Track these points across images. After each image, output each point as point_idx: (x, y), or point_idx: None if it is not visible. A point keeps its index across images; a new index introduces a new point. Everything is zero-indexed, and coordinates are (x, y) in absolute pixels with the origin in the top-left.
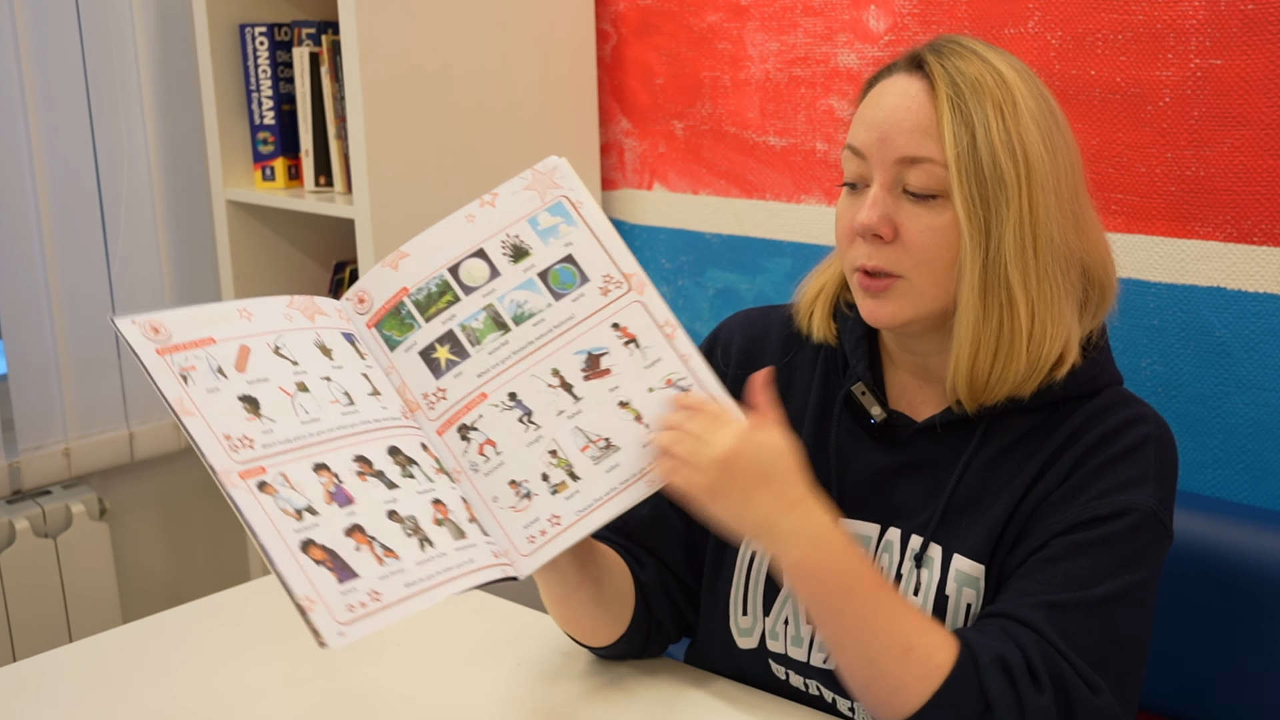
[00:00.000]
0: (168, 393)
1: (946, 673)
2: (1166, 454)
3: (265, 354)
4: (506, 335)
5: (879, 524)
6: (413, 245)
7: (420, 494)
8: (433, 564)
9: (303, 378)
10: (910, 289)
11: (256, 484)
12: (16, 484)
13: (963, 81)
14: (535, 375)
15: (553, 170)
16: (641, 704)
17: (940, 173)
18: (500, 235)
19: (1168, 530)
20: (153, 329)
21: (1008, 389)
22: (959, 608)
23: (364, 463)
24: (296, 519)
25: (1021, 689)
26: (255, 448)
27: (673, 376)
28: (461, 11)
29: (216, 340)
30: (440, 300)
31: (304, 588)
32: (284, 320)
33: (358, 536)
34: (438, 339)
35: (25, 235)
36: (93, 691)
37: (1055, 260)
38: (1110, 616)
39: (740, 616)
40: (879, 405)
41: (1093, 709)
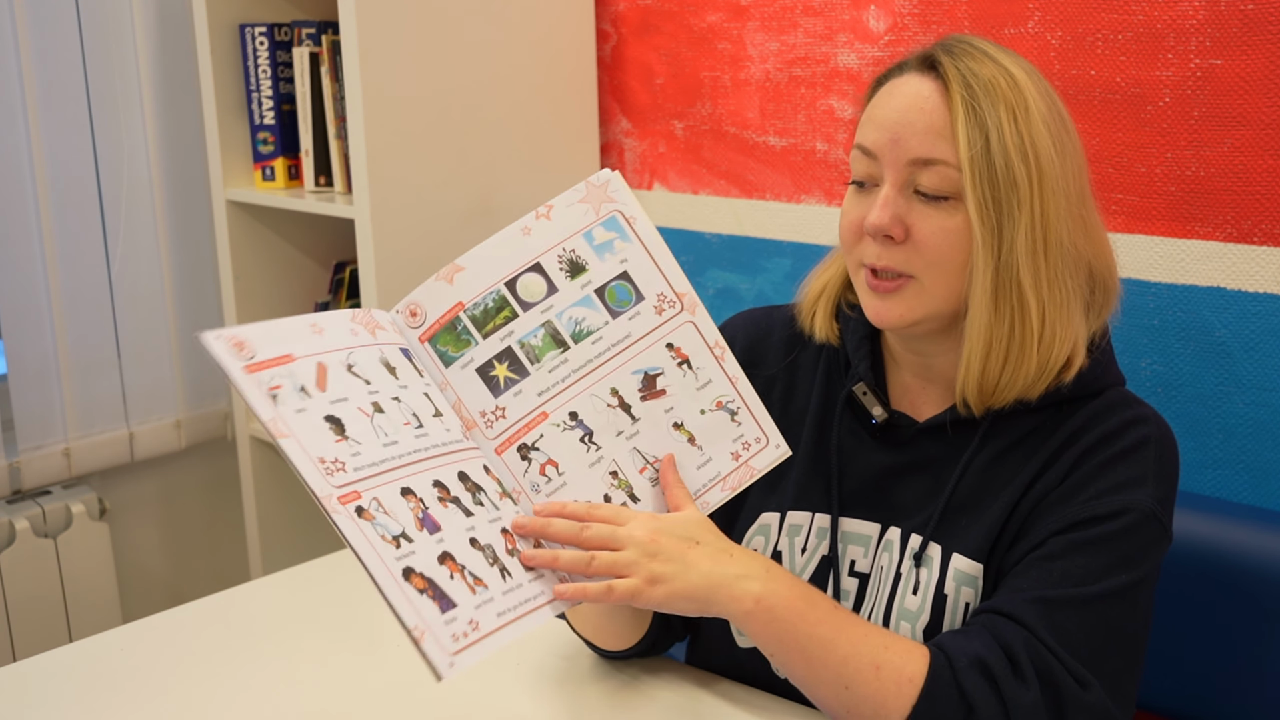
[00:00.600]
0: (262, 413)
1: (920, 684)
2: (1167, 455)
3: (341, 372)
4: (566, 353)
5: (879, 523)
6: (468, 259)
7: (491, 522)
8: (515, 594)
9: (377, 397)
10: (920, 290)
11: (355, 509)
12: (16, 484)
13: (976, 83)
14: (595, 395)
15: (606, 184)
16: (642, 704)
17: (953, 175)
18: (556, 250)
19: (1166, 531)
20: (236, 345)
21: (1017, 391)
22: (958, 607)
23: (442, 488)
24: (395, 546)
25: (1003, 687)
26: (348, 471)
27: (723, 399)
28: (462, 12)
29: (295, 357)
30: (498, 316)
31: (413, 618)
32: (351, 336)
33: (450, 565)
34: (496, 356)
35: (25, 235)
36: (93, 691)
37: (1065, 263)
38: (1104, 614)
39: None
40: (880, 405)
41: (1082, 704)
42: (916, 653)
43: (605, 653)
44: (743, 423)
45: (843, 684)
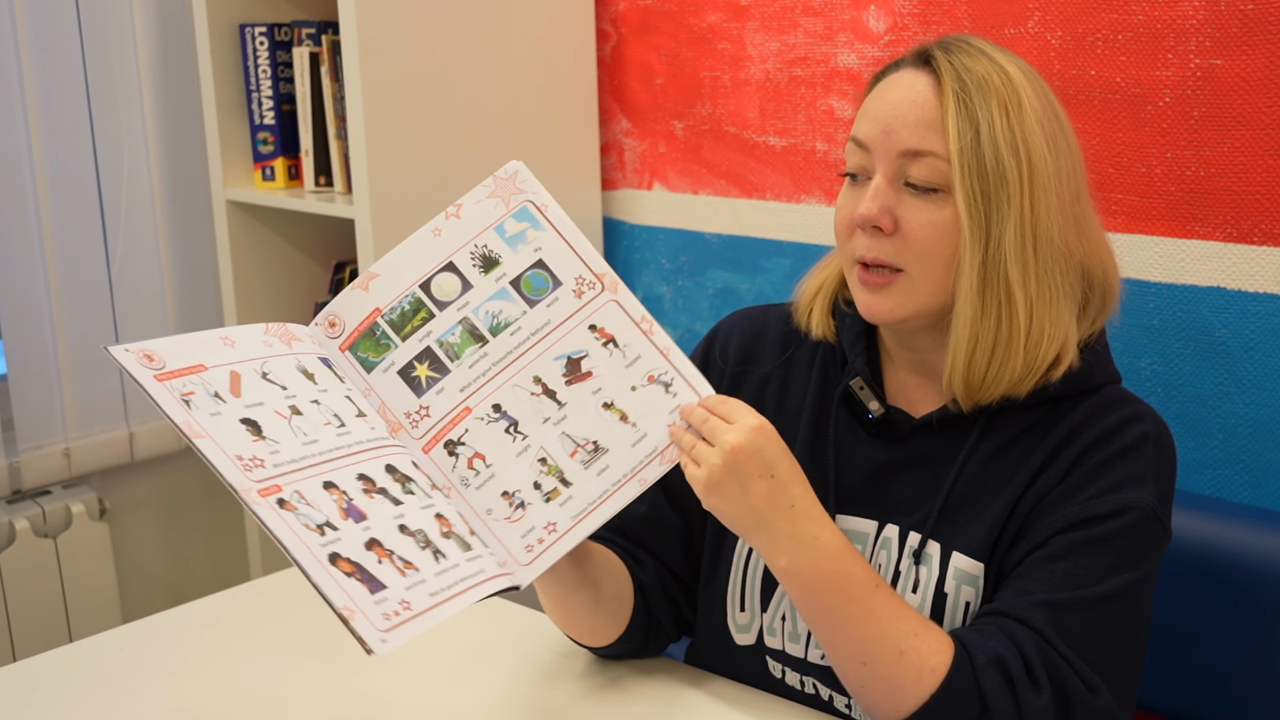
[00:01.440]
0: (174, 416)
1: (942, 676)
2: (1165, 453)
3: (255, 379)
4: (485, 347)
5: (876, 520)
6: (381, 265)
7: (423, 509)
8: (449, 574)
9: (294, 401)
10: (910, 284)
11: (276, 501)
12: (16, 484)
13: (969, 79)
14: (518, 385)
15: (514, 175)
16: (641, 704)
17: (943, 167)
18: (469, 246)
19: (1166, 529)
20: (146, 357)
21: (1003, 388)
22: (958, 605)
23: (367, 481)
24: (319, 534)
25: (1019, 690)
26: (267, 467)
27: (654, 373)
28: (461, 11)
29: (208, 367)
30: (415, 318)
31: (341, 599)
32: (264, 347)
33: (378, 550)
34: (416, 357)
35: (25, 235)
36: (93, 691)
37: (1055, 260)
38: (1109, 615)
39: (738, 613)
40: (877, 400)
41: (1091, 708)
42: (944, 643)
43: (599, 651)
44: (678, 393)
45: (861, 660)
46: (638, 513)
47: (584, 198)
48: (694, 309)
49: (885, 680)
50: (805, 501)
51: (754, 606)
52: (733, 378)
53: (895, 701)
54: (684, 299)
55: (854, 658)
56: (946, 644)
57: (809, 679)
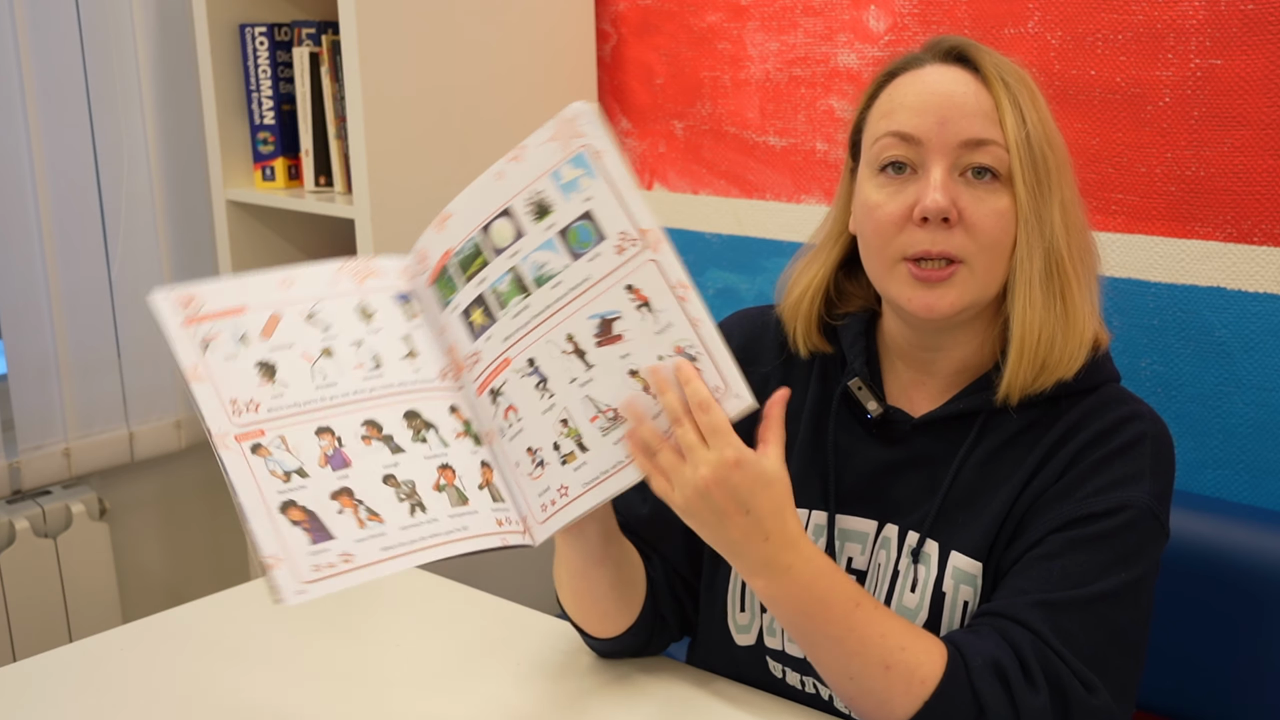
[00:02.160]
0: (183, 360)
1: (934, 685)
2: (1162, 451)
3: (296, 321)
4: (528, 299)
5: (876, 520)
6: (454, 205)
7: (427, 459)
8: (418, 529)
9: (330, 343)
10: (970, 275)
11: (251, 446)
12: (16, 484)
13: (1006, 73)
14: (551, 341)
15: (576, 118)
16: (641, 704)
17: (1004, 156)
18: (526, 193)
19: (1164, 527)
20: (183, 302)
21: (1062, 370)
22: (956, 605)
23: (373, 427)
24: (284, 480)
25: (1016, 691)
26: (260, 411)
27: (682, 344)
28: (461, 11)
29: (248, 309)
30: (475, 263)
31: (272, 546)
32: (327, 287)
33: (343, 500)
34: (473, 302)
35: (25, 235)
36: (93, 691)
37: (1085, 240)
38: (1106, 614)
39: (738, 613)
40: (875, 400)
41: (1089, 708)
42: (935, 653)
43: (601, 647)
44: (703, 369)
45: (847, 676)
46: (641, 513)
47: None
48: None
49: (873, 694)
50: (779, 532)
51: (754, 607)
52: None
53: (886, 712)
54: None
55: (840, 674)
56: (938, 652)
57: (809, 679)
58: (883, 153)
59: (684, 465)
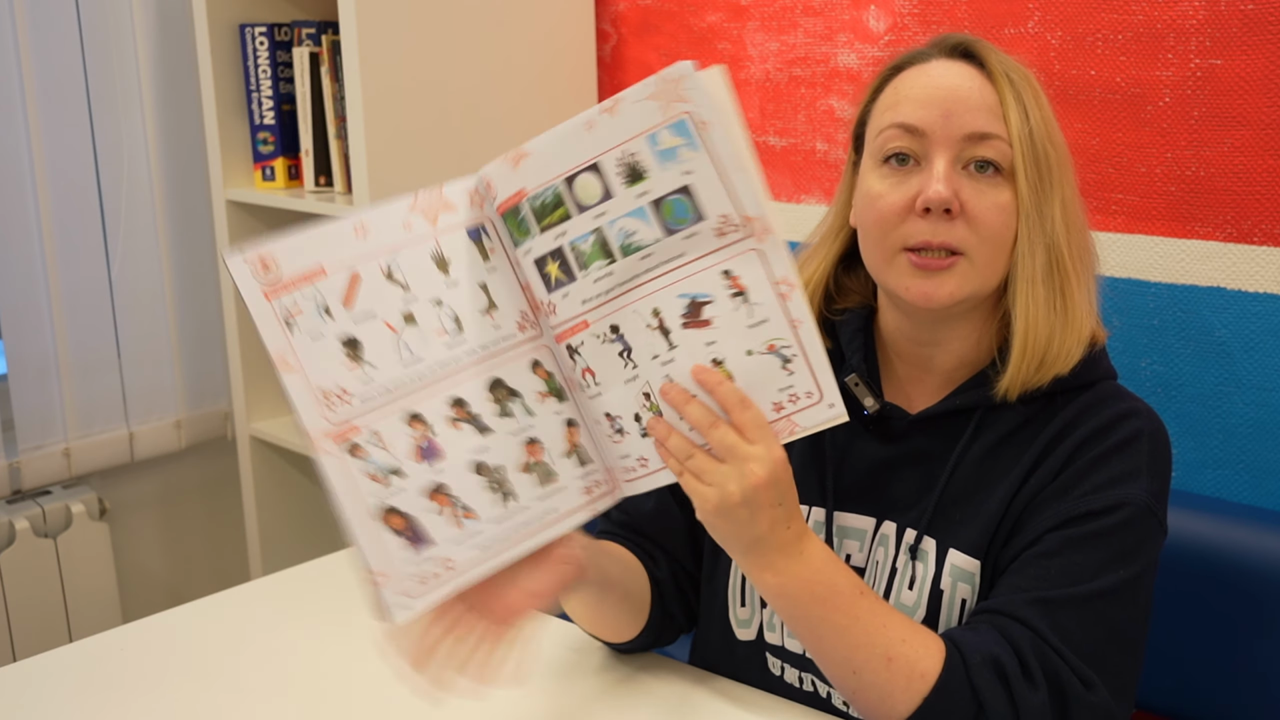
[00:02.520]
0: (271, 346)
1: (933, 680)
2: (1159, 448)
3: (376, 281)
4: (612, 266)
5: (874, 517)
6: (533, 145)
7: (513, 435)
8: (510, 520)
9: (412, 306)
10: (970, 267)
11: (348, 447)
12: (16, 484)
13: (1011, 71)
14: (637, 312)
15: (680, 80)
16: (641, 704)
17: (1006, 150)
18: (617, 151)
19: (1162, 525)
20: (263, 265)
21: (1061, 365)
22: (954, 602)
23: (459, 406)
24: (383, 484)
25: (1014, 688)
26: (353, 402)
27: (776, 342)
28: (461, 11)
29: (327, 271)
30: (554, 213)
31: (378, 561)
32: (402, 231)
33: (439, 499)
34: (550, 253)
35: (25, 235)
36: (93, 691)
37: (1084, 239)
38: (1104, 611)
39: (738, 608)
40: (872, 396)
41: (1087, 704)
42: (934, 648)
43: (619, 647)
44: (795, 372)
45: (851, 669)
46: (645, 508)
47: None
48: None
49: (875, 687)
50: (798, 522)
51: (754, 602)
52: None
53: (887, 708)
54: None
55: (844, 667)
56: (937, 647)
57: (807, 675)
58: (886, 144)
59: (723, 466)
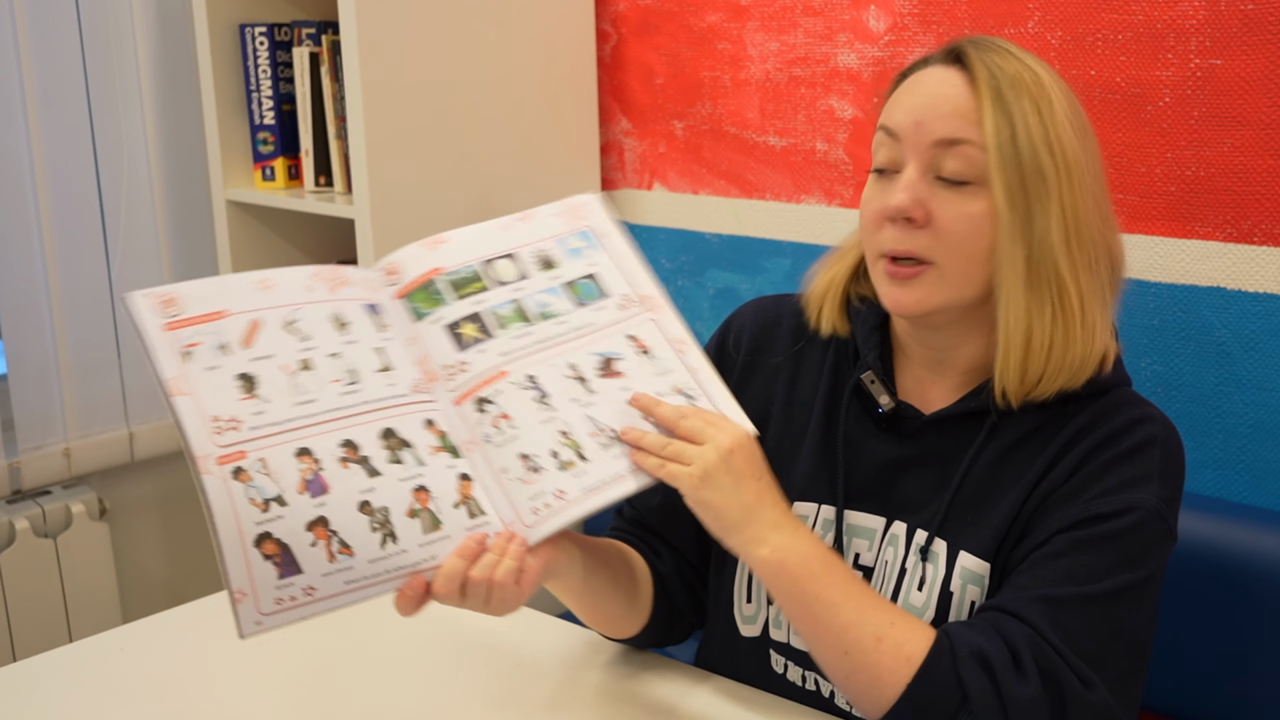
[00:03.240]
0: (163, 371)
1: (919, 662)
2: (1172, 455)
3: (275, 329)
4: (530, 327)
5: (884, 517)
6: (451, 235)
7: (402, 481)
8: (386, 561)
9: (309, 354)
10: (939, 276)
11: (233, 470)
12: (16, 484)
13: (1002, 75)
14: (553, 365)
15: (584, 205)
16: (641, 703)
17: (978, 157)
18: (532, 246)
19: (1171, 531)
20: (164, 302)
21: (1062, 381)
22: (963, 604)
23: (350, 448)
24: (262, 510)
25: (1001, 681)
26: (241, 430)
27: (681, 386)
28: (462, 11)
29: (229, 314)
30: (472, 285)
31: (241, 580)
32: (304, 292)
33: (318, 531)
34: (465, 317)
35: (25, 235)
36: (93, 691)
37: (1096, 253)
38: (1108, 613)
39: (744, 604)
40: (888, 394)
41: (1085, 703)
42: (921, 633)
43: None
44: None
45: (842, 649)
46: (651, 503)
47: None
48: (694, 309)
49: (865, 669)
50: (784, 507)
51: (760, 598)
52: (744, 367)
53: (878, 690)
54: (684, 299)
55: (835, 648)
56: (925, 633)
57: (810, 674)
58: (875, 150)
59: (698, 445)
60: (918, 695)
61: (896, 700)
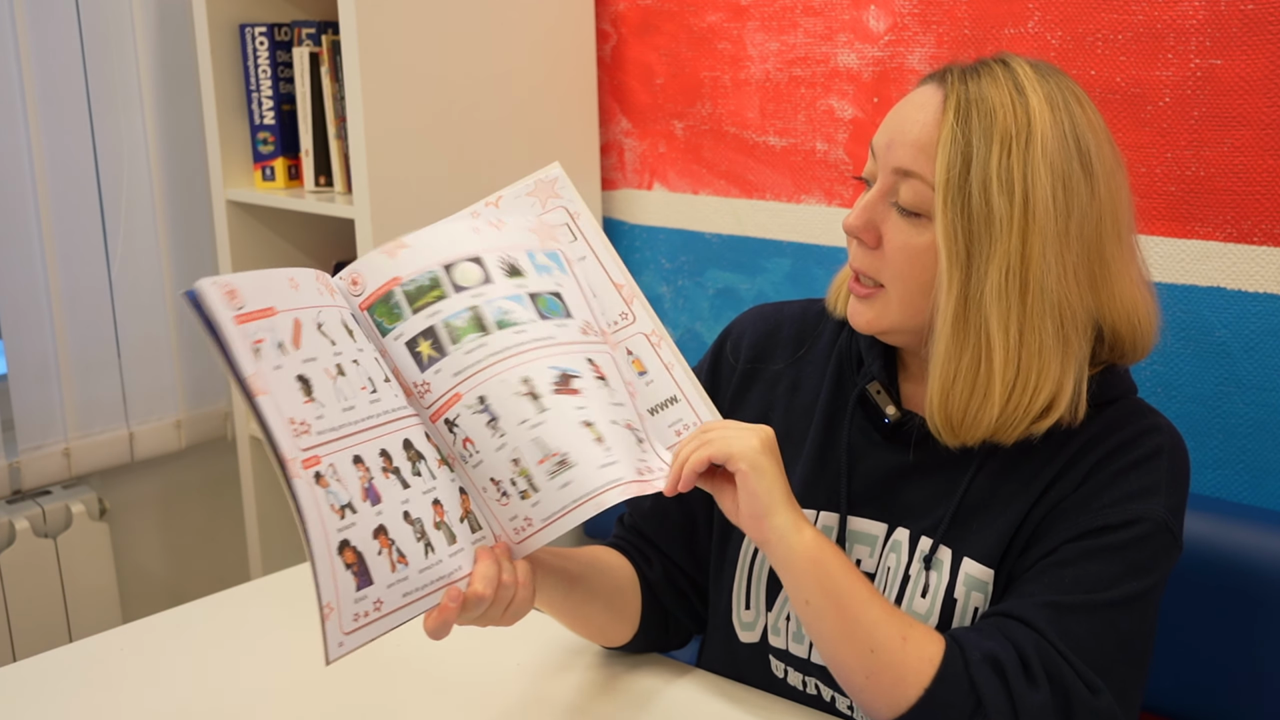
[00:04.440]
0: (245, 367)
1: (938, 664)
2: (1179, 465)
3: (313, 330)
4: (485, 338)
5: (886, 524)
6: (413, 238)
7: (425, 494)
8: (430, 572)
9: (340, 359)
10: (887, 300)
11: (314, 475)
12: (16, 484)
13: (976, 108)
14: (504, 381)
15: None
16: (641, 704)
17: (928, 193)
18: (499, 252)
19: (1177, 541)
20: (229, 293)
21: (983, 431)
22: (967, 611)
23: (386, 457)
24: (340, 516)
25: (1014, 686)
26: (311, 434)
27: (631, 424)
28: (461, 11)
29: (277, 311)
30: (429, 294)
31: (329, 592)
32: (319, 295)
33: (382, 539)
34: (421, 333)
35: (25, 235)
36: (93, 691)
37: (1048, 310)
38: (1114, 622)
39: (743, 610)
40: (894, 405)
41: (1092, 709)
42: (935, 636)
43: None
44: (646, 453)
45: (870, 646)
46: (642, 506)
47: (584, 198)
48: (694, 309)
49: (891, 667)
50: None
51: (759, 605)
52: (744, 375)
53: (899, 691)
54: (684, 299)
55: (863, 643)
56: (938, 639)
57: (811, 679)
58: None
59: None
60: (935, 698)
61: (916, 701)
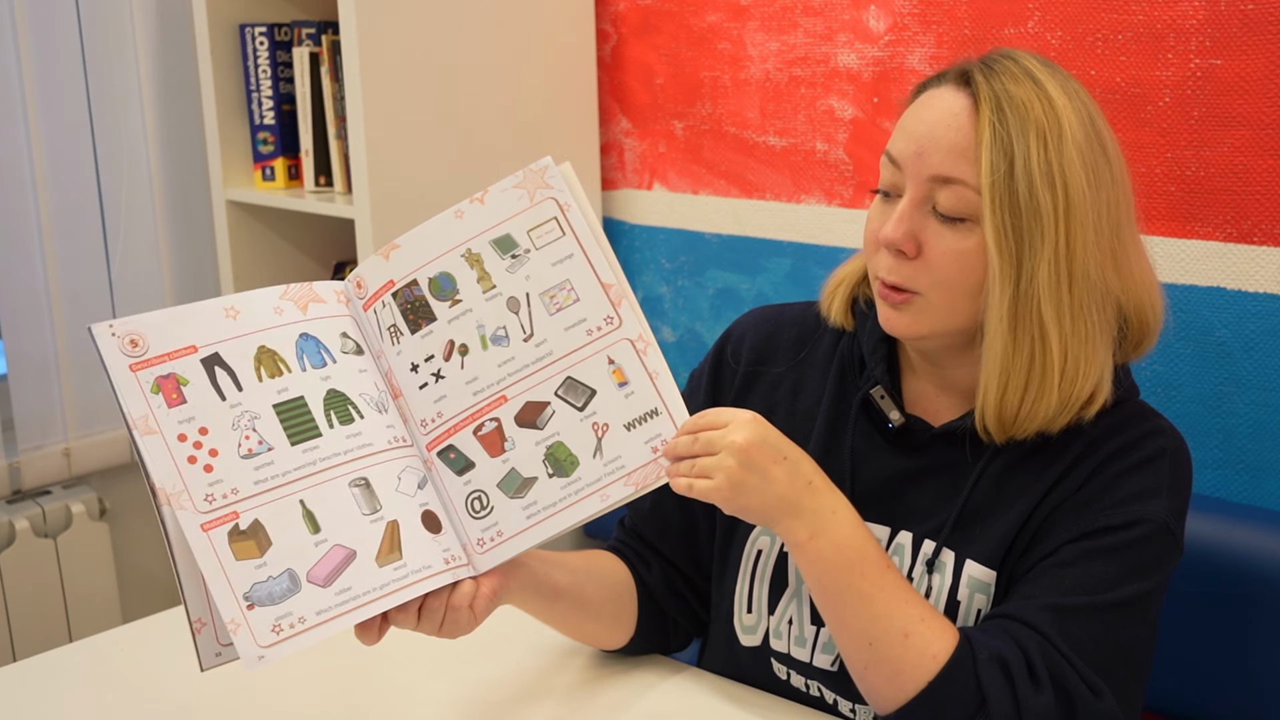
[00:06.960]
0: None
1: (943, 663)
2: (1181, 467)
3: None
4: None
5: (890, 527)
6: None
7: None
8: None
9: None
10: (927, 306)
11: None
12: (16, 484)
13: (1008, 105)
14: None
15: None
16: (642, 704)
17: (972, 197)
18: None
19: (1178, 543)
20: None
21: (1038, 424)
22: (970, 613)
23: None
24: None
25: (1019, 688)
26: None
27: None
28: (462, 11)
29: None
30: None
31: (199, 609)
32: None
33: None
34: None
35: (25, 235)
36: (93, 691)
37: (1091, 297)
38: (1115, 623)
39: (744, 614)
40: (898, 409)
41: (1094, 711)
42: (948, 633)
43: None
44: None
45: (868, 640)
46: (642, 508)
47: None
48: (694, 309)
49: (889, 662)
50: (819, 477)
51: (761, 609)
52: (745, 378)
53: (897, 685)
54: (684, 299)
55: (861, 638)
56: (951, 634)
57: (813, 683)
58: (881, 170)
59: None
60: (937, 694)
61: (914, 696)
